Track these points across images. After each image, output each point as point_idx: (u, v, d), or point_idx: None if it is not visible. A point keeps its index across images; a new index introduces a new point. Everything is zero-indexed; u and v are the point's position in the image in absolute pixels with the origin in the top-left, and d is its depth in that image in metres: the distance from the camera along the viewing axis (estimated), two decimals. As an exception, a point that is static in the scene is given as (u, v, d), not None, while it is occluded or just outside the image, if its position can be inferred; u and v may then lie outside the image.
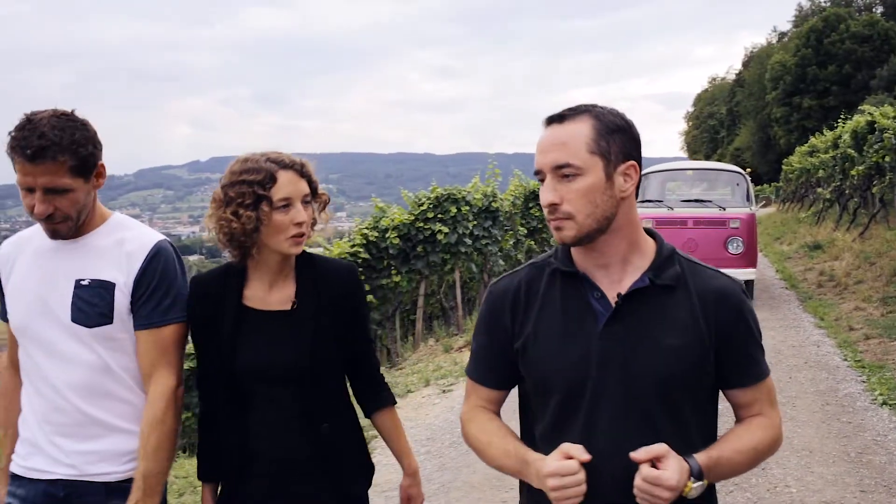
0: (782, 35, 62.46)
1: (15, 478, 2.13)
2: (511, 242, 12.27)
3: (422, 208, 10.16)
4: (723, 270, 1.69)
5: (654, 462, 1.49)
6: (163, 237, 2.17)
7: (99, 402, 2.07)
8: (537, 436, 1.67)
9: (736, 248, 9.70)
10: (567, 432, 1.60)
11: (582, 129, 1.56)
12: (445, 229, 10.04)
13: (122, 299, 2.06)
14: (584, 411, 1.59)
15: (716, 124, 72.60)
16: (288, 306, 2.06)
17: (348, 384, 2.23)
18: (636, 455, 1.50)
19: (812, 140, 24.13)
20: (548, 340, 1.64)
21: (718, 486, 1.69)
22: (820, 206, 20.10)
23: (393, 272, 9.96)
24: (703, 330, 1.57)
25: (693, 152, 74.90)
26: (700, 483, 1.51)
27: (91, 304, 2.04)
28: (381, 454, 3.92)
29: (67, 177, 1.95)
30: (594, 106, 1.60)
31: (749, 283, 9.87)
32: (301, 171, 2.03)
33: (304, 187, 2.02)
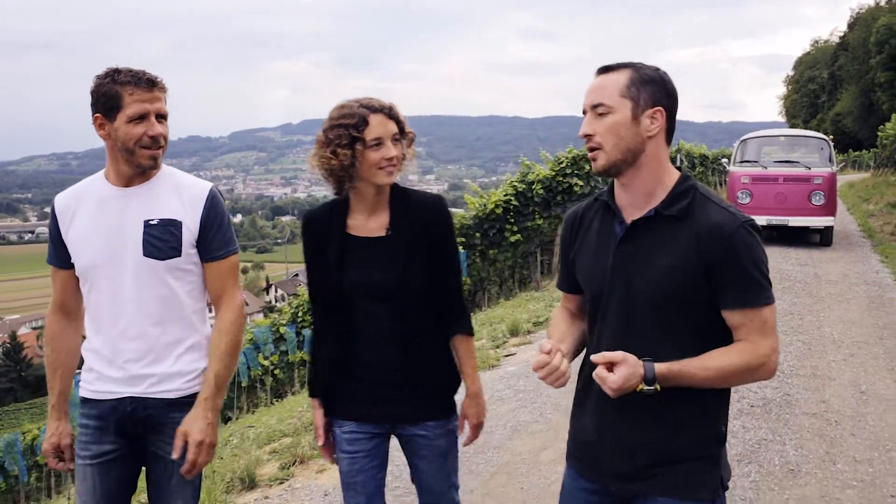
0: (891, -4, 60.37)
1: (86, 401, 2.35)
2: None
3: (561, 165, 12.81)
4: (806, 217, 2.70)
5: (611, 365, 1.72)
6: (211, 183, 2.38)
7: (165, 328, 2.29)
8: None
9: (818, 200, 11.90)
10: (591, 330, 1.96)
11: (619, 78, 1.79)
12: (581, 182, 12.67)
13: (188, 235, 2.28)
14: (600, 314, 1.90)
15: (816, 88, 70.25)
16: (384, 233, 2.28)
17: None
18: (594, 358, 1.74)
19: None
20: (584, 255, 1.96)
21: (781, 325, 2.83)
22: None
23: (536, 216, 12.63)
24: (694, 255, 1.75)
25: (792, 117, 72.08)
26: (651, 387, 1.73)
27: (162, 240, 2.25)
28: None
29: (166, 106, 2.23)
30: (637, 62, 1.82)
31: (829, 228, 12.18)
32: (389, 113, 2.21)
33: (393, 127, 2.21)
